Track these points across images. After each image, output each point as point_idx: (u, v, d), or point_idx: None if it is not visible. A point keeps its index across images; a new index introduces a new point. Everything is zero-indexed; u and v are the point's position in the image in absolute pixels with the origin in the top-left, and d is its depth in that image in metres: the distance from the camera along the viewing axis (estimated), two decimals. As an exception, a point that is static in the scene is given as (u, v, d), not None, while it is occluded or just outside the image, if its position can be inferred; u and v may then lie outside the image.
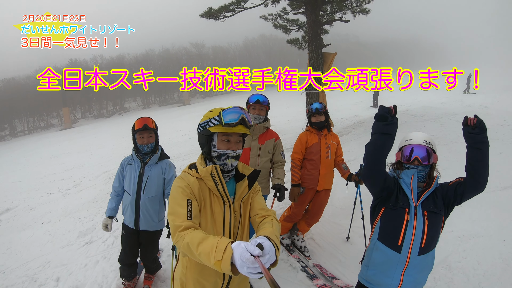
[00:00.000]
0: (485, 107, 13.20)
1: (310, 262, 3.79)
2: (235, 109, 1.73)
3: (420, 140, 2.15)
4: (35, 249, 4.96)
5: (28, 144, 27.77)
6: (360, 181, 3.82)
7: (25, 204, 8.14)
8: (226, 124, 1.69)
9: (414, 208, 2.12)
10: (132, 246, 3.32)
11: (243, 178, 1.86)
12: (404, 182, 2.17)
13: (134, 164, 3.23)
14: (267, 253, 1.34)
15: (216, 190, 1.74)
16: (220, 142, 1.76)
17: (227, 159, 1.77)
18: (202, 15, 10.41)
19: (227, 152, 1.75)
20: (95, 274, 3.85)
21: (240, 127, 1.71)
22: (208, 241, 1.41)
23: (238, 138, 1.78)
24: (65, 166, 13.00)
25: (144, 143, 3.11)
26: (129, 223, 3.24)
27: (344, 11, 10.70)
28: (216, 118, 1.71)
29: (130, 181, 3.20)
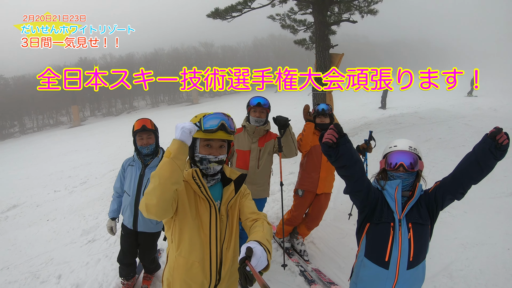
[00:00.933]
0: (494, 110, 13.04)
1: (309, 266, 3.75)
2: (216, 115, 1.76)
3: (405, 147, 2.09)
4: (39, 246, 5.03)
5: (37, 141, 28.09)
6: (368, 148, 3.71)
7: (32, 201, 8.22)
8: (205, 130, 1.71)
9: (399, 221, 2.03)
10: (130, 246, 3.34)
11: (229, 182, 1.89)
12: (388, 194, 2.08)
13: (135, 166, 3.24)
14: (258, 257, 1.35)
15: (199, 192, 1.78)
16: (202, 147, 1.79)
17: (208, 163, 1.80)
18: (209, 15, 10.44)
19: (208, 157, 1.78)
20: (96, 272, 3.89)
21: (220, 133, 1.74)
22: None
23: (220, 143, 1.80)
24: (72, 163, 13.09)
25: (144, 144, 3.12)
26: (128, 224, 3.25)
27: (351, 11, 10.63)
28: (197, 124, 1.73)
29: (131, 182, 3.20)
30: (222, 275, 1.85)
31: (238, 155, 3.41)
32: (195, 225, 1.77)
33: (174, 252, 1.80)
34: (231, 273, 1.91)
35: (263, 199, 3.56)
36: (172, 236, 1.82)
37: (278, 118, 3.34)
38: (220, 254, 1.82)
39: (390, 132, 9.85)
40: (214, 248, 1.79)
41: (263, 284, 1.15)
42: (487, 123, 9.90)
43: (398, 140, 2.17)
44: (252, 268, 1.24)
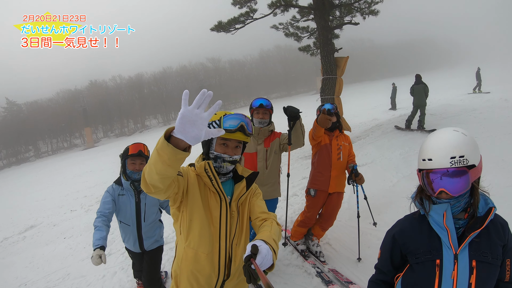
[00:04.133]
0: (505, 100, 12.75)
1: (325, 267, 3.67)
2: (236, 115, 1.77)
3: (444, 161, 1.38)
4: (56, 262, 5.08)
5: (52, 164, 28.63)
6: (356, 180, 3.63)
7: (49, 221, 8.34)
8: (224, 129, 1.61)
9: (454, 257, 1.41)
10: (140, 262, 3.37)
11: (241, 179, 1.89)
12: (434, 221, 1.47)
13: (126, 195, 3.07)
14: (264, 255, 1.32)
15: (211, 185, 1.77)
16: (218, 145, 1.78)
17: (222, 162, 1.79)
18: (213, 29, 10.59)
19: (223, 155, 1.78)
20: (112, 285, 3.90)
21: (238, 134, 1.74)
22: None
23: (236, 144, 1.80)
24: (88, 184, 13.29)
25: (136, 170, 2.99)
26: (134, 249, 3.21)
27: (353, 14, 10.64)
28: (217, 122, 1.74)
29: (126, 212, 3.07)
30: (232, 271, 1.82)
31: (246, 158, 3.37)
32: (205, 218, 1.76)
33: (183, 244, 1.78)
34: (241, 271, 1.86)
35: (275, 199, 3.52)
36: (180, 228, 1.80)
37: (289, 109, 3.22)
38: (229, 249, 1.80)
39: (401, 131, 9.74)
40: (224, 243, 1.78)
41: (266, 283, 1.13)
42: (499, 113, 9.79)
43: (433, 146, 1.43)
44: (256, 266, 1.23)
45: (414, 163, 5.47)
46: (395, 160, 7.15)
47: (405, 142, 8.46)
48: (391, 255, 1.64)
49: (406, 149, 7.79)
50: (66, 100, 55.57)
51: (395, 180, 5.98)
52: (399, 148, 7.98)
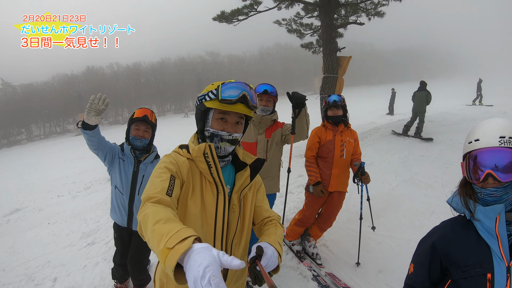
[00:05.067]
0: (504, 112, 12.76)
1: (322, 270, 3.44)
2: (238, 84, 1.44)
3: (492, 140, 1.19)
4: (38, 248, 4.85)
5: (44, 148, 28.26)
6: (362, 178, 3.36)
7: (35, 205, 8.11)
8: (222, 100, 1.40)
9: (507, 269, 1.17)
10: (126, 246, 3.05)
11: (244, 167, 1.58)
12: (483, 227, 1.22)
13: (126, 161, 2.88)
14: (269, 257, 1.25)
15: (208, 173, 1.46)
16: (215, 120, 1.47)
17: (220, 141, 1.48)
18: (215, 18, 10.36)
19: (221, 133, 1.47)
20: (93, 276, 3.66)
21: (239, 106, 1.43)
22: (172, 224, 1.06)
23: (236, 119, 1.48)
24: (77, 170, 13.06)
25: (139, 136, 2.77)
26: (121, 223, 2.94)
27: (358, 14, 10.49)
28: (214, 92, 1.43)
29: (122, 179, 2.85)
30: (229, 275, 1.55)
31: (244, 148, 3.07)
32: (199, 214, 1.45)
33: None
34: (238, 275, 1.63)
35: (273, 194, 3.29)
36: None
37: (294, 95, 2.91)
38: (228, 250, 1.54)
39: (399, 136, 9.63)
40: (220, 243, 1.49)
41: (271, 285, 1.02)
42: None
43: (482, 127, 1.26)
44: (262, 268, 1.17)
45: (414, 167, 5.43)
46: (394, 163, 7.00)
47: (404, 147, 8.34)
48: (429, 268, 1.37)
49: (405, 153, 7.66)
50: (61, 85, 54.84)
51: (394, 184, 5.83)
52: (398, 152, 7.86)
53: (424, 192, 5.43)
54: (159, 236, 1.01)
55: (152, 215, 1.11)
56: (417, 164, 6.85)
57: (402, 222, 4.42)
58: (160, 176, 1.35)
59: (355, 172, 3.40)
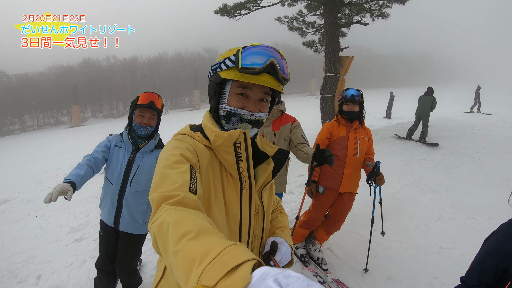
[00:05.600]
0: (503, 120, 12.72)
1: (328, 276, 3.20)
2: (263, 48, 1.07)
3: None
4: (23, 242, 4.58)
5: (36, 139, 27.76)
6: (377, 179, 3.12)
7: (24, 196, 7.84)
8: (243, 69, 1.04)
9: None
10: (111, 249, 2.67)
11: (264, 159, 1.24)
12: None
13: (123, 148, 2.54)
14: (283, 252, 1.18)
15: (234, 167, 1.12)
16: (234, 96, 1.12)
17: (239, 122, 1.13)
18: (217, 11, 10.13)
19: (240, 112, 1.11)
20: (80, 275, 3.40)
21: (265, 77, 1.07)
22: (208, 238, 0.70)
23: (261, 95, 1.12)
24: (69, 162, 12.75)
25: (143, 124, 2.44)
26: (108, 220, 2.57)
27: (363, 14, 10.33)
28: (232, 59, 1.08)
29: (115, 168, 2.50)
30: None
31: None
32: (224, 222, 1.12)
33: None
34: None
35: (280, 194, 3.08)
36: None
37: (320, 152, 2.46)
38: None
39: (400, 138, 9.49)
40: None
41: None
42: (499, 132, 9.78)
43: None
44: (276, 263, 1.13)
45: (417, 171, 5.23)
46: (396, 166, 6.83)
47: (405, 150, 8.19)
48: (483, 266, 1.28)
49: (407, 157, 7.50)
50: (57, 76, 54.07)
51: (398, 187, 5.66)
52: (400, 155, 7.69)
53: (428, 196, 5.27)
54: (189, 261, 0.64)
55: (175, 224, 0.75)
56: (420, 168, 6.69)
57: (408, 226, 4.23)
58: (176, 167, 0.98)
59: (370, 171, 3.16)
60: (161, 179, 0.95)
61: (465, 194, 5.32)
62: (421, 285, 3.01)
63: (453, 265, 3.33)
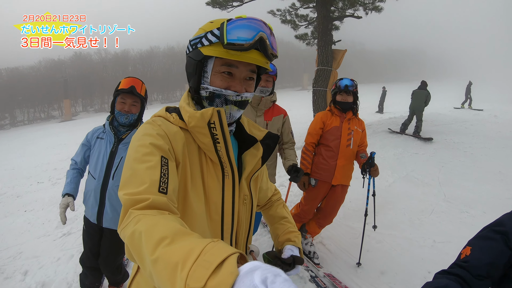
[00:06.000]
0: (495, 116, 12.84)
1: (320, 271, 3.16)
2: (250, 21, 0.96)
3: None
4: (11, 237, 4.48)
5: (27, 134, 27.39)
6: (371, 170, 3.08)
7: (13, 191, 7.71)
8: (229, 45, 0.92)
9: None
10: (95, 245, 2.55)
11: (252, 144, 1.13)
12: None
13: (105, 139, 2.41)
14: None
15: (212, 150, 1.00)
16: (217, 74, 1.00)
17: (224, 104, 1.03)
18: (208, 3, 10.01)
19: (225, 92, 1.00)
20: (67, 270, 3.32)
21: (253, 53, 0.96)
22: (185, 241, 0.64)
23: (248, 73, 1.01)
24: (59, 156, 12.62)
25: (124, 111, 2.31)
26: (91, 217, 2.43)
27: (356, 7, 10.26)
28: (215, 33, 0.96)
29: (98, 161, 2.37)
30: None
31: None
32: (203, 212, 1.02)
33: None
34: None
35: None
36: None
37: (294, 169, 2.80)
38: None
39: (393, 132, 9.50)
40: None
41: None
42: (490, 128, 9.94)
43: None
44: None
45: (410, 164, 5.24)
46: (389, 160, 6.83)
47: (398, 143, 8.21)
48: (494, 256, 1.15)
49: (400, 150, 7.52)
50: (47, 69, 53.26)
51: (391, 180, 5.66)
52: (393, 148, 7.70)
53: (421, 190, 5.27)
54: (171, 267, 0.59)
55: (147, 232, 0.69)
56: (413, 162, 6.70)
57: (401, 220, 4.23)
58: (145, 160, 0.88)
59: (364, 162, 3.11)
60: (129, 175, 0.87)
61: (458, 188, 5.33)
62: (415, 279, 2.98)
63: (447, 259, 3.26)
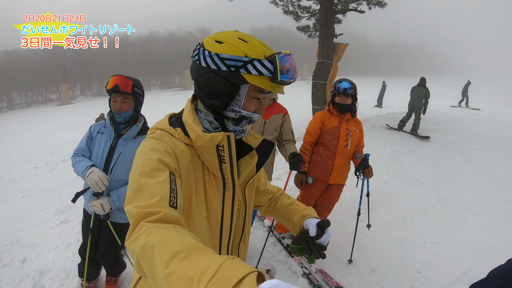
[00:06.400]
0: (493, 117, 12.90)
1: (313, 267, 3.23)
2: (292, 60, 1.01)
3: None
4: (9, 224, 4.51)
5: (24, 117, 27.23)
6: (365, 171, 3.13)
7: (10, 176, 7.73)
8: (280, 82, 0.97)
9: None
10: (95, 237, 2.59)
11: (248, 152, 1.17)
12: None
13: (106, 134, 2.44)
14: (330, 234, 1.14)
15: (217, 168, 1.04)
16: (251, 100, 1.04)
17: (247, 124, 1.09)
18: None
19: (252, 116, 1.07)
20: (65, 259, 3.38)
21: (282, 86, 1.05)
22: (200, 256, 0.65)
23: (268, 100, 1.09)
24: (57, 141, 12.59)
25: (116, 110, 2.32)
26: (90, 210, 2.46)
27: (359, 1, 10.19)
28: (267, 65, 0.95)
29: (98, 155, 2.40)
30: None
31: None
32: (205, 224, 1.06)
33: None
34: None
35: None
36: None
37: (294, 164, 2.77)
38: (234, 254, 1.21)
39: (390, 128, 9.53)
40: (225, 250, 1.16)
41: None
42: (488, 129, 9.98)
43: None
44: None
45: (406, 162, 5.30)
46: (385, 157, 6.88)
47: (395, 140, 8.24)
48: None
49: (397, 147, 7.56)
50: (46, 52, 52.66)
51: (386, 178, 5.71)
52: (389, 145, 7.74)
53: (416, 189, 5.33)
54: (185, 283, 0.59)
55: (160, 245, 0.68)
56: (408, 160, 6.75)
57: (394, 218, 4.29)
58: (154, 175, 0.88)
59: (359, 163, 3.17)
60: (137, 189, 0.87)
61: (452, 188, 5.39)
62: (404, 278, 3.06)
63: (436, 260, 3.40)
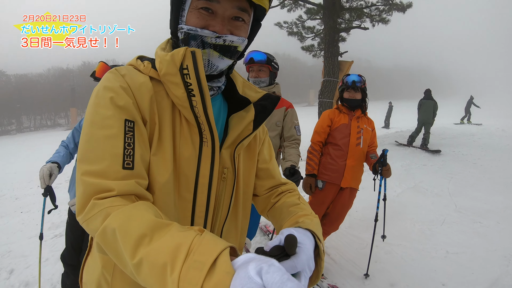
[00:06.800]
0: (502, 130, 12.66)
1: (324, 282, 2.89)
2: None
3: None
4: (3, 237, 4.40)
5: (33, 140, 27.60)
6: (383, 171, 2.79)
7: (12, 194, 7.72)
8: None
9: None
10: (78, 240, 2.44)
11: (246, 106, 0.89)
12: None
13: None
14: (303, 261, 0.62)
15: (187, 106, 0.76)
16: (194, 11, 0.76)
17: (201, 47, 0.78)
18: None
19: (201, 32, 0.76)
20: (53, 271, 3.18)
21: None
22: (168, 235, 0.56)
23: (233, 11, 0.76)
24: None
25: None
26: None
27: (363, 19, 10.24)
28: None
29: None
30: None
31: None
32: (169, 184, 0.77)
33: None
34: None
35: None
36: None
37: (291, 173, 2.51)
38: None
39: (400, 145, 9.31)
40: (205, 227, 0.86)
41: None
42: (498, 141, 9.76)
43: None
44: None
45: (418, 175, 5.03)
46: (396, 171, 6.62)
47: (405, 155, 8.02)
48: None
49: (407, 162, 7.33)
50: (56, 78, 54.00)
51: (399, 191, 5.45)
52: (400, 160, 7.50)
53: (431, 200, 5.06)
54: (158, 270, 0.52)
55: (121, 230, 0.58)
56: (421, 173, 6.50)
57: (411, 230, 4.00)
58: (104, 126, 0.69)
59: (377, 160, 2.83)
60: (86, 142, 0.70)
61: (469, 198, 5.13)
62: (428, 291, 2.77)
63: (462, 271, 3.09)
